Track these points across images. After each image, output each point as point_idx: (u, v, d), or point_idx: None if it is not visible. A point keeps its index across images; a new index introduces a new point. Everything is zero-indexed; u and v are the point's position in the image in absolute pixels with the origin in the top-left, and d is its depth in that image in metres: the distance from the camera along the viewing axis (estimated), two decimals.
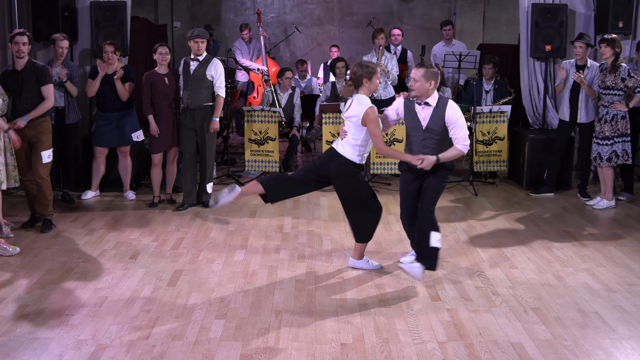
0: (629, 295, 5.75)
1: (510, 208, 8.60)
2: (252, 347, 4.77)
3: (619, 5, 9.35)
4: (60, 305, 5.47)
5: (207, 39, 8.27)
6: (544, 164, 9.39)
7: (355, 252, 6.37)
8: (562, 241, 7.24)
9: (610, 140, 8.29)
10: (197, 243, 7.11)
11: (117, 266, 6.38)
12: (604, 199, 8.56)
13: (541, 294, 5.75)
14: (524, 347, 4.79)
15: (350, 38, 16.07)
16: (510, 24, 15.64)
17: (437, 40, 12.81)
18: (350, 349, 4.76)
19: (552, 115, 9.99)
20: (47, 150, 7.31)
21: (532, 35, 9.62)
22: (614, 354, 4.71)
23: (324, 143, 9.64)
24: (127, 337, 4.91)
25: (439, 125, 5.91)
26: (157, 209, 8.41)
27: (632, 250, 6.94)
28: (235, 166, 10.89)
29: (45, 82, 7.22)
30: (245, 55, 12.75)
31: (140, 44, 11.59)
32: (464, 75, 12.01)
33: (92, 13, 9.19)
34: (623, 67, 8.17)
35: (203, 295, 5.68)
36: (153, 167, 8.53)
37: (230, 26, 16.31)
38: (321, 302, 5.57)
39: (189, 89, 8.18)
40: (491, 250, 6.92)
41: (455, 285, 5.96)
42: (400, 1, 16.21)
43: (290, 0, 16.35)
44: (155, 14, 15.96)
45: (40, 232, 7.37)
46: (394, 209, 8.35)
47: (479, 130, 9.69)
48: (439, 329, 5.08)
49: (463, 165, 10.97)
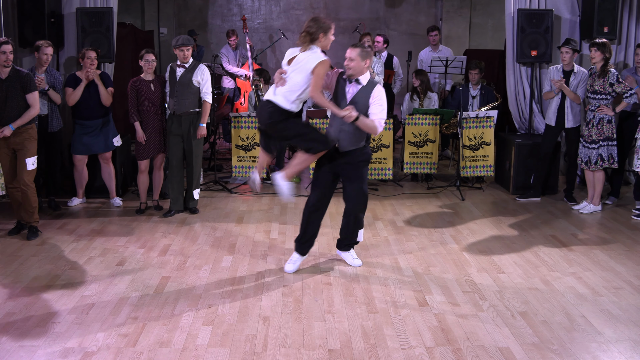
0: (615, 299, 5.77)
1: (497, 213, 8.63)
2: (240, 354, 4.76)
3: (604, 11, 9.40)
4: (47, 312, 5.44)
5: (192, 45, 8.27)
6: (531, 168, 9.43)
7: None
8: (549, 245, 7.27)
9: (596, 144, 8.33)
10: (184, 249, 7.09)
11: (104, 273, 6.35)
12: (590, 204, 8.59)
13: (528, 299, 5.77)
14: (512, 352, 4.79)
15: (336, 44, 15.87)
16: (496, 30, 15.72)
17: (423, 46, 12.85)
18: (338, 354, 4.75)
19: (538, 120, 10.03)
20: (31, 157, 7.27)
21: (518, 41, 9.66)
22: (600, 357, 4.73)
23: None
24: (114, 345, 4.88)
25: (362, 103, 6.07)
26: (144, 216, 8.38)
27: (619, 254, 6.97)
28: (223, 172, 10.87)
29: (31, 89, 7.19)
30: (231, 62, 12.75)
31: (126, 50, 11.58)
32: (451, 80, 12.05)
33: (79, 19, 9.16)
34: (612, 73, 8.21)
35: (190, 302, 5.66)
36: (140, 174, 8.51)
37: (217, 32, 16.31)
38: (309, 308, 5.56)
39: (175, 95, 8.16)
40: (478, 255, 6.93)
41: (442, 290, 5.97)
42: (387, 7, 16.27)
43: (277, 7, 16.37)
44: (141, 20, 15.94)
45: (26, 240, 7.32)
46: (381, 215, 8.36)
47: (465, 135, 9.72)
48: (426, 334, 5.08)
49: (450, 171, 11.01)
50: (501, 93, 10.59)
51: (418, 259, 6.80)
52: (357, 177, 6.26)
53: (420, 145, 9.84)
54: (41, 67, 8.24)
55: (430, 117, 9.79)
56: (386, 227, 7.85)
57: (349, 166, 6.23)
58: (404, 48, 14.55)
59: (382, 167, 9.71)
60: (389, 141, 9.63)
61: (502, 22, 11.37)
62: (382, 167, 9.71)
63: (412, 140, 9.83)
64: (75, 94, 8.41)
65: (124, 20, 12.97)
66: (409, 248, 7.15)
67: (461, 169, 9.75)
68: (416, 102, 10.37)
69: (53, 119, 8.45)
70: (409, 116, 9.86)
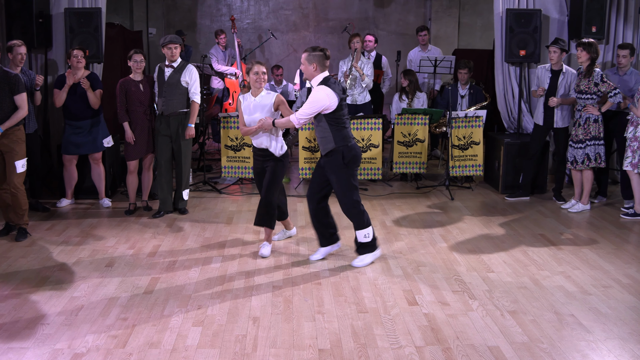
0: (604, 297, 5.79)
1: (486, 212, 8.65)
2: (230, 354, 4.75)
3: (592, 11, 9.44)
4: (36, 314, 5.42)
5: (180, 44, 8.24)
6: (519, 168, 9.45)
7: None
8: (538, 244, 7.29)
9: (583, 144, 8.36)
10: (174, 250, 7.07)
11: (93, 274, 6.33)
12: (579, 203, 8.62)
13: (517, 297, 5.79)
14: (501, 351, 4.81)
15: (326, 44, 16.09)
16: (485, 29, 15.77)
17: (412, 46, 12.87)
18: (328, 354, 4.76)
19: (527, 120, 10.06)
20: (21, 159, 7.23)
21: (507, 41, 9.68)
22: (590, 355, 4.75)
23: (300, 149, 9.65)
24: (103, 346, 4.87)
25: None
26: (133, 217, 8.36)
27: (607, 253, 7.00)
28: (212, 173, 10.86)
29: (19, 91, 7.12)
30: (220, 62, 12.74)
31: (115, 51, 11.54)
32: (440, 80, 12.07)
33: (67, 20, 9.13)
34: (596, 72, 8.24)
35: (180, 303, 5.65)
36: (129, 175, 8.48)
37: (206, 32, 16.29)
38: (298, 308, 5.57)
39: (163, 95, 8.14)
40: (468, 255, 6.95)
41: (432, 289, 5.98)
42: (376, 7, 16.29)
43: (266, 7, 16.36)
44: (130, 20, 15.90)
45: (15, 241, 7.30)
46: (371, 214, 8.35)
47: (454, 135, 9.74)
48: (416, 334, 5.09)
49: (439, 170, 11.03)
50: (490, 93, 10.61)
51: (408, 258, 6.81)
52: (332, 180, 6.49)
53: (409, 145, 9.85)
54: (16, 67, 8.02)
55: (420, 116, 9.80)
56: (375, 227, 7.85)
57: (326, 167, 6.49)
58: (393, 48, 14.58)
59: (371, 167, 9.71)
60: (378, 141, 9.63)
61: (490, 22, 11.43)
62: (372, 167, 9.72)
63: (402, 140, 9.85)
64: (61, 95, 8.36)
65: (112, 20, 12.95)
66: (398, 248, 7.16)
67: (450, 169, 9.77)
68: (405, 102, 10.38)
69: (30, 120, 8.21)
70: (398, 116, 9.86)
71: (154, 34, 15.92)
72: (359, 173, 9.61)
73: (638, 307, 5.60)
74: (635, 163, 8.12)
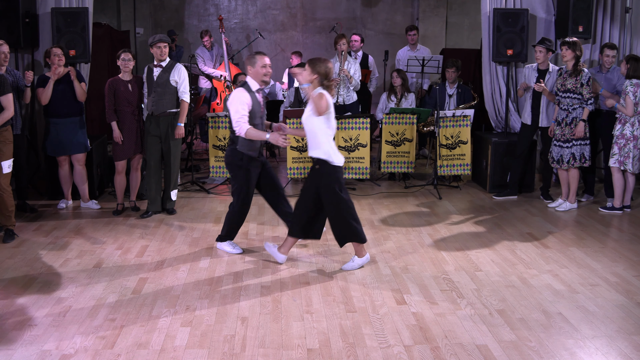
0: (591, 296, 5.82)
1: (474, 211, 8.67)
2: (219, 354, 4.75)
3: (579, 10, 9.47)
4: (23, 315, 5.39)
5: (169, 43, 8.21)
6: (507, 167, 9.49)
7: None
8: (526, 243, 7.32)
9: (569, 143, 8.39)
10: (162, 250, 7.06)
11: (81, 275, 6.31)
12: (566, 202, 8.66)
13: (505, 296, 5.81)
14: (489, 349, 4.82)
15: (313, 43, 16.10)
16: (473, 29, 15.80)
17: (400, 45, 12.88)
18: (316, 354, 4.76)
19: (514, 119, 10.09)
20: (7, 160, 7.19)
21: (494, 40, 9.71)
22: (577, 353, 4.77)
23: (288, 149, 9.64)
24: (91, 347, 4.85)
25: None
26: (121, 217, 8.34)
27: (594, 251, 7.04)
28: (200, 173, 10.84)
29: (4, 92, 7.09)
30: (207, 62, 12.72)
31: (102, 51, 11.51)
32: (428, 80, 12.09)
33: (54, 19, 9.08)
34: (585, 73, 8.26)
35: (168, 303, 5.64)
36: (117, 175, 8.45)
37: (193, 32, 16.25)
38: (287, 307, 5.57)
39: (153, 95, 8.12)
40: (456, 254, 6.97)
41: (420, 288, 5.99)
42: (364, 6, 16.29)
43: (253, 6, 16.34)
44: (117, 20, 15.85)
45: (2, 242, 7.26)
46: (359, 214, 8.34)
47: (442, 134, 9.76)
48: (405, 333, 5.10)
49: (427, 170, 11.05)
50: (478, 92, 10.64)
51: (396, 257, 6.82)
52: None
53: (397, 145, 9.87)
54: (0, 67, 7.91)
55: (407, 116, 9.81)
56: (364, 226, 7.85)
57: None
58: (380, 47, 14.60)
59: (359, 167, 9.72)
60: (366, 140, 9.64)
61: (478, 22, 11.43)
62: (360, 167, 9.72)
63: (390, 139, 9.86)
64: (46, 92, 8.24)
65: (99, 20, 12.89)
66: (386, 247, 7.17)
67: (438, 168, 9.79)
68: (393, 102, 10.40)
69: (17, 120, 8.12)
70: (385, 115, 9.88)
71: (141, 34, 15.87)
72: (347, 172, 9.61)
73: (625, 305, 5.64)
74: (621, 160, 8.18)
